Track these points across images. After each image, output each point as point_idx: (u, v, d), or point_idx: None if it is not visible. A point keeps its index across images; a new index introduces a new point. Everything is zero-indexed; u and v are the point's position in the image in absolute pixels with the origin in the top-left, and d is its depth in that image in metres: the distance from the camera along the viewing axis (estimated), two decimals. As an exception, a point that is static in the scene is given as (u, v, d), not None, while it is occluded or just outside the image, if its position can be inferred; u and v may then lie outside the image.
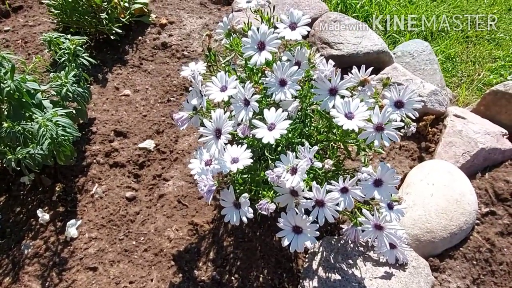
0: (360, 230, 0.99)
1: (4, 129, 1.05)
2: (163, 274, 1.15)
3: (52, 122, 1.04)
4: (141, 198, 1.33)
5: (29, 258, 1.17)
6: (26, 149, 1.08)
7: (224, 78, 1.02)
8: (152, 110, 1.60)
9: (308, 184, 0.91)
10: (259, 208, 0.91)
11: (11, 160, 1.06)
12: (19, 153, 1.07)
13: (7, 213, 1.27)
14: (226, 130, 0.91)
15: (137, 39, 1.90)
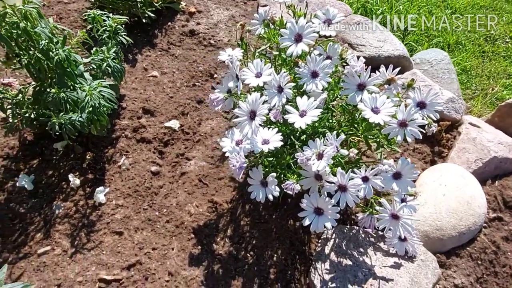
0: (375, 218, 1.06)
1: (51, 94, 1.12)
2: (183, 245, 1.22)
3: (97, 92, 1.11)
4: (164, 174, 1.40)
5: (59, 217, 1.24)
6: (68, 115, 1.15)
7: (259, 65, 1.08)
8: (178, 92, 1.67)
9: (332, 170, 0.98)
10: (285, 188, 0.98)
11: (55, 124, 1.13)
12: (61, 118, 1.14)
13: (40, 175, 1.34)
14: (261, 113, 0.98)
15: (166, 24, 1.97)
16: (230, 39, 1.92)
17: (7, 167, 1.37)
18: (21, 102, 1.26)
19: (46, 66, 1.14)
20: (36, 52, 1.08)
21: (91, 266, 1.15)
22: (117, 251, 1.18)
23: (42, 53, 1.10)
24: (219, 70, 1.78)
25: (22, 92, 1.28)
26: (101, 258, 1.16)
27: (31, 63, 1.08)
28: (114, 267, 1.15)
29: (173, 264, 1.17)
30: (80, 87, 1.14)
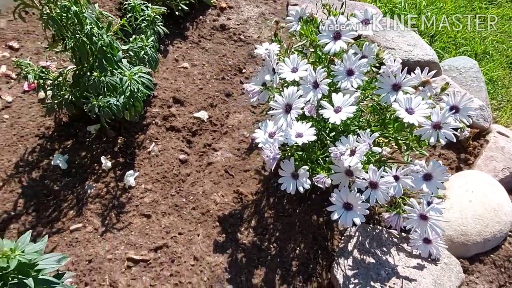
0: (402, 218, 1.07)
1: (93, 78, 1.16)
2: (208, 232, 1.25)
3: (136, 77, 1.15)
4: (192, 162, 1.43)
5: (91, 197, 1.28)
6: (106, 98, 1.19)
7: (296, 60, 1.10)
8: (208, 84, 1.70)
9: (364, 167, 1.00)
10: (316, 181, 1.00)
11: (95, 106, 1.17)
12: (100, 101, 1.18)
13: (73, 156, 1.39)
14: (297, 106, 1.00)
15: (198, 18, 2.00)
16: (260, 36, 1.94)
17: (43, 146, 1.42)
18: (61, 84, 1.30)
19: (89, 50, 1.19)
20: (82, 36, 1.13)
21: (120, 245, 1.18)
22: (145, 233, 1.22)
23: (87, 37, 1.15)
24: (248, 65, 1.81)
25: (62, 75, 1.32)
26: (130, 239, 1.20)
27: (77, 46, 1.13)
28: (142, 248, 1.18)
29: (198, 250, 1.20)
30: (121, 72, 1.17)
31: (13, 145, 1.41)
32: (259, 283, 1.15)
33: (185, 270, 1.15)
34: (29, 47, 1.78)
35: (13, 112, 1.51)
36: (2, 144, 1.40)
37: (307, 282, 1.16)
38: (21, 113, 1.51)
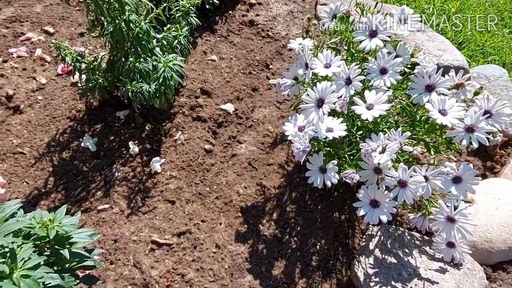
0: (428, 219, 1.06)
1: (129, 63, 1.19)
2: (230, 221, 1.26)
3: (171, 65, 1.17)
4: (216, 153, 1.45)
5: (118, 180, 1.32)
6: (140, 84, 1.22)
7: (329, 56, 1.11)
8: (235, 78, 1.72)
9: (394, 165, 1.00)
10: (344, 176, 1.01)
11: (129, 91, 1.20)
12: (133, 87, 1.21)
13: (102, 139, 1.42)
14: (330, 101, 1.01)
15: (227, 12, 2.03)
16: (288, 33, 1.95)
17: (74, 128, 1.46)
18: (96, 69, 1.34)
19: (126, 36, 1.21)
20: (121, 22, 1.16)
21: (145, 228, 1.21)
22: (169, 218, 1.24)
23: (125, 23, 1.17)
24: (275, 62, 1.82)
25: (96, 59, 1.36)
26: (154, 222, 1.23)
27: (116, 32, 1.16)
28: (166, 232, 1.21)
29: (220, 238, 1.21)
30: (155, 59, 1.20)
31: (45, 125, 1.45)
32: (278, 274, 1.16)
33: (206, 257, 1.17)
34: (63, 32, 1.83)
35: (47, 94, 1.56)
36: (35, 124, 1.45)
37: (326, 278, 1.17)
38: (54, 95, 1.56)
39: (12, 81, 1.58)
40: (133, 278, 1.10)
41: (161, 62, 1.17)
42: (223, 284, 1.12)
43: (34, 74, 1.62)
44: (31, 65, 1.66)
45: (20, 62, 1.67)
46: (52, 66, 1.67)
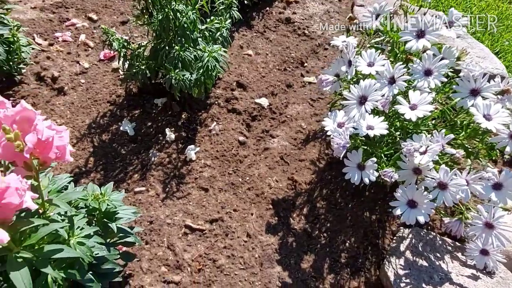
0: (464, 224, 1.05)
1: (174, 52, 1.22)
2: (261, 213, 1.28)
3: (217, 54, 1.20)
4: (249, 145, 1.47)
5: (154, 164, 1.35)
6: (182, 72, 1.25)
7: (373, 55, 1.11)
8: (270, 73, 1.73)
9: (435, 167, 0.99)
10: (383, 174, 1.01)
11: (172, 78, 1.23)
12: (177, 74, 1.24)
13: (140, 124, 1.46)
14: (373, 99, 1.02)
15: (264, 9, 2.05)
16: (324, 32, 1.96)
17: (113, 112, 1.51)
18: (140, 56, 1.38)
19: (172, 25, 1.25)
20: (169, 11, 1.19)
21: (179, 212, 1.24)
22: (202, 204, 1.27)
23: (173, 12, 1.21)
24: (310, 60, 1.83)
25: (141, 47, 1.40)
26: (188, 208, 1.26)
27: (165, 20, 1.19)
28: (199, 218, 1.23)
29: (251, 228, 1.23)
30: (199, 49, 1.23)
31: (87, 108, 1.51)
32: (307, 268, 1.17)
33: (237, 245, 1.19)
34: (106, 20, 1.89)
35: (89, 78, 1.62)
36: (78, 105, 1.51)
37: (355, 275, 1.17)
38: (96, 79, 1.61)
39: (57, 63, 1.65)
40: (167, 259, 1.13)
41: (206, 52, 1.20)
42: (253, 273, 1.14)
43: (78, 58, 1.69)
44: (75, 49, 1.73)
45: (65, 46, 1.73)
46: (95, 51, 1.73)
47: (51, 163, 0.62)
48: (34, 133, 0.53)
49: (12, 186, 0.50)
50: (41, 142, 0.55)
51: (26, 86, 1.54)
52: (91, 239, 0.73)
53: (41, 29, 1.80)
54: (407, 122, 1.14)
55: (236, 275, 1.12)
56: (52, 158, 0.57)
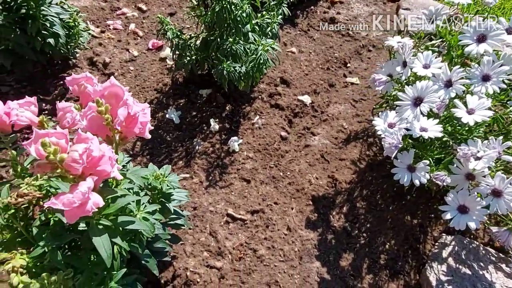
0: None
1: (227, 43, 1.25)
2: (301, 208, 1.29)
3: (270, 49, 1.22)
4: (291, 141, 1.48)
5: (198, 153, 1.39)
6: (234, 64, 1.28)
7: (429, 57, 1.10)
8: (313, 72, 1.74)
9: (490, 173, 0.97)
10: (434, 178, 1.00)
11: (224, 69, 1.26)
12: (228, 66, 1.27)
13: (185, 113, 1.50)
14: (430, 100, 1.01)
15: (309, 8, 2.05)
16: (368, 34, 1.94)
17: (160, 99, 1.55)
18: (191, 46, 1.42)
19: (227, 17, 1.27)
20: (226, 3, 1.21)
21: (221, 201, 1.27)
22: (244, 195, 1.29)
23: (229, 5, 1.23)
24: (353, 61, 1.82)
25: (192, 37, 1.44)
26: (230, 197, 1.28)
27: (222, 12, 1.22)
28: (241, 208, 1.25)
29: (292, 222, 1.24)
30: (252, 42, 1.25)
31: (135, 94, 1.56)
32: (346, 266, 1.17)
33: (278, 237, 1.20)
34: (154, 11, 1.94)
35: (137, 65, 1.67)
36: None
37: (394, 278, 1.16)
38: (144, 67, 1.66)
39: (108, 50, 1.71)
40: (209, 245, 1.16)
41: (260, 45, 1.22)
42: (292, 266, 1.15)
43: (128, 46, 1.74)
44: (125, 37, 1.78)
45: (116, 34, 1.80)
46: (144, 40, 1.79)
47: (130, 139, 0.65)
48: (125, 107, 0.57)
49: (107, 154, 0.53)
50: (129, 116, 0.58)
51: (79, 70, 1.61)
52: (155, 215, 0.76)
53: (93, 16, 1.87)
54: (460, 127, 1.12)
55: (276, 267, 1.14)
56: (135, 133, 0.60)
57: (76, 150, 0.49)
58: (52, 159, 0.49)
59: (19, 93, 1.51)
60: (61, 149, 0.50)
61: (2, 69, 1.57)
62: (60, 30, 1.38)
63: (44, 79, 1.57)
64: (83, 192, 0.49)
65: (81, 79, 0.68)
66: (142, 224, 0.67)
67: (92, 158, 0.51)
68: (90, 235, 0.59)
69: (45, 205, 0.49)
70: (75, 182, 0.52)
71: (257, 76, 1.34)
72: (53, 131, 0.52)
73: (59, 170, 0.50)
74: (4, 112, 0.69)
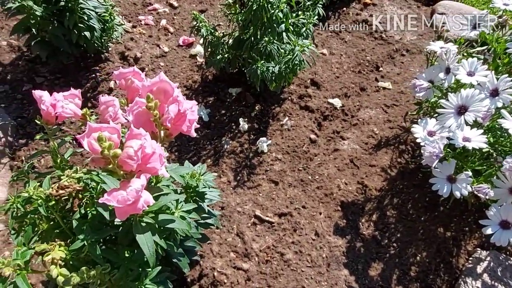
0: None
1: (262, 43, 1.23)
2: (329, 213, 1.26)
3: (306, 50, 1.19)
4: (320, 144, 1.45)
5: (227, 152, 1.37)
6: (267, 64, 1.26)
7: (474, 64, 1.06)
8: (344, 75, 1.70)
9: (536, 188, 0.93)
10: (477, 190, 0.96)
11: (258, 68, 1.24)
12: (262, 66, 1.25)
13: (214, 111, 1.49)
14: (476, 110, 0.96)
15: (341, 9, 2.02)
16: (402, 38, 1.89)
17: (189, 96, 1.55)
18: (224, 44, 1.40)
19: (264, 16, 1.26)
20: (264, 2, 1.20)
21: (249, 202, 1.25)
22: (271, 197, 1.27)
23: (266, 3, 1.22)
24: (386, 65, 1.78)
25: (225, 35, 1.43)
26: (258, 199, 1.26)
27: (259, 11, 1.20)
28: (268, 210, 1.24)
29: (320, 227, 1.22)
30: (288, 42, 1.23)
31: (165, 90, 1.56)
32: (375, 276, 1.14)
33: (305, 242, 1.18)
34: (185, 7, 1.94)
35: (168, 61, 1.67)
36: (157, 86, 1.56)
37: (425, 291, 1.12)
38: (174, 63, 1.67)
39: (139, 45, 1.72)
40: (235, 246, 1.14)
41: (296, 46, 1.20)
42: (319, 272, 1.12)
43: (158, 42, 1.75)
44: (156, 33, 1.79)
45: (147, 29, 1.80)
46: (174, 36, 1.79)
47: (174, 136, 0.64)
48: (176, 104, 0.56)
49: (157, 152, 0.52)
50: (179, 113, 0.57)
51: (111, 64, 1.62)
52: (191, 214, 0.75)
53: (125, 11, 1.88)
54: (503, 139, 1.08)
55: (303, 272, 1.12)
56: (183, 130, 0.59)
57: (131, 146, 0.49)
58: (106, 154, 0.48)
59: (53, 84, 1.53)
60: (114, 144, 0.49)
61: (37, 60, 1.60)
62: (96, 23, 1.39)
63: (77, 71, 1.59)
64: (137, 190, 0.48)
65: (129, 74, 0.67)
66: (181, 223, 0.66)
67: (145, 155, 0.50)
68: (134, 232, 0.58)
69: (99, 201, 0.49)
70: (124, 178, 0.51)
71: (290, 77, 1.32)
72: (106, 126, 0.51)
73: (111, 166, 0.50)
74: (51, 103, 0.69)
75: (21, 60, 1.62)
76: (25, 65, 1.59)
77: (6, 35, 1.68)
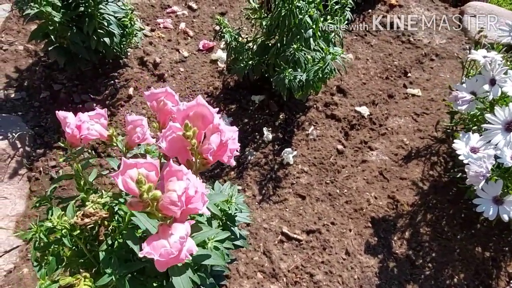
0: None
1: (291, 50, 1.17)
2: (360, 230, 1.20)
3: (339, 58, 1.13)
4: (347, 155, 1.39)
5: (251, 164, 1.32)
6: (295, 72, 1.20)
7: (523, 76, 0.97)
8: (371, 81, 1.63)
9: None
10: (528, 214, 0.88)
11: (286, 77, 1.18)
12: (290, 74, 1.19)
13: (236, 120, 1.44)
14: (528, 127, 0.88)
15: (366, 11, 1.93)
16: (431, 41, 1.81)
17: (210, 103, 1.49)
18: (249, 50, 1.34)
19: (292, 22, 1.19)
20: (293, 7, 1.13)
21: (275, 218, 1.19)
22: (299, 213, 1.21)
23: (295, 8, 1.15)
24: (414, 70, 1.69)
25: (249, 41, 1.37)
26: (284, 214, 1.21)
27: (287, 16, 1.14)
28: (295, 227, 1.18)
29: (350, 245, 1.16)
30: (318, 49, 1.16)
31: (185, 97, 1.51)
32: (410, 300, 1.07)
33: (335, 262, 1.12)
34: (205, 10, 1.89)
35: (188, 67, 1.62)
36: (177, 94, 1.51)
37: (464, 317, 1.05)
38: (194, 69, 1.61)
39: (158, 50, 1.67)
40: (262, 266, 1.09)
41: (328, 54, 1.13)
42: (351, 295, 1.06)
43: (178, 46, 1.69)
44: (175, 37, 1.74)
45: (166, 33, 1.75)
46: (194, 41, 1.73)
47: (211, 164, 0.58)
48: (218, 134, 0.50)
49: (199, 191, 0.46)
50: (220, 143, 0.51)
51: (129, 70, 1.58)
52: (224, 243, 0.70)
53: (144, 14, 1.83)
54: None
55: (334, 295, 1.06)
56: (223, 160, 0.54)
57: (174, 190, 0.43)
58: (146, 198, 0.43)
59: (71, 91, 1.49)
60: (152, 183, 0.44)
61: (54, 66, 1.56)
62: (115, 29, 1.35)
63: (95, 78, 1.55)
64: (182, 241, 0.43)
65: (161, 95, 0.62)
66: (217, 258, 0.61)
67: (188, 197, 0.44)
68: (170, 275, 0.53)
69: (140, 255, 0.43)
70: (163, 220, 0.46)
71: (318, 86, 1.26)
72: (143, 161, 0.46)
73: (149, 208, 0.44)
74: (76, 125, 0.64)
75: (38, 65, 1.58)
76: (42, 71, 1.55)
77: (23, 40, 1.65)
